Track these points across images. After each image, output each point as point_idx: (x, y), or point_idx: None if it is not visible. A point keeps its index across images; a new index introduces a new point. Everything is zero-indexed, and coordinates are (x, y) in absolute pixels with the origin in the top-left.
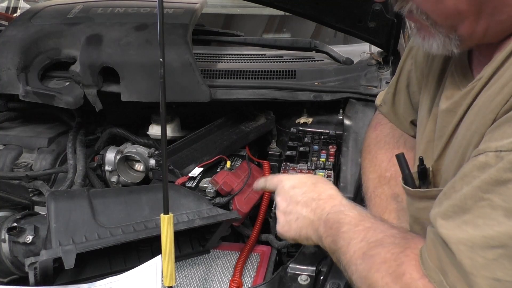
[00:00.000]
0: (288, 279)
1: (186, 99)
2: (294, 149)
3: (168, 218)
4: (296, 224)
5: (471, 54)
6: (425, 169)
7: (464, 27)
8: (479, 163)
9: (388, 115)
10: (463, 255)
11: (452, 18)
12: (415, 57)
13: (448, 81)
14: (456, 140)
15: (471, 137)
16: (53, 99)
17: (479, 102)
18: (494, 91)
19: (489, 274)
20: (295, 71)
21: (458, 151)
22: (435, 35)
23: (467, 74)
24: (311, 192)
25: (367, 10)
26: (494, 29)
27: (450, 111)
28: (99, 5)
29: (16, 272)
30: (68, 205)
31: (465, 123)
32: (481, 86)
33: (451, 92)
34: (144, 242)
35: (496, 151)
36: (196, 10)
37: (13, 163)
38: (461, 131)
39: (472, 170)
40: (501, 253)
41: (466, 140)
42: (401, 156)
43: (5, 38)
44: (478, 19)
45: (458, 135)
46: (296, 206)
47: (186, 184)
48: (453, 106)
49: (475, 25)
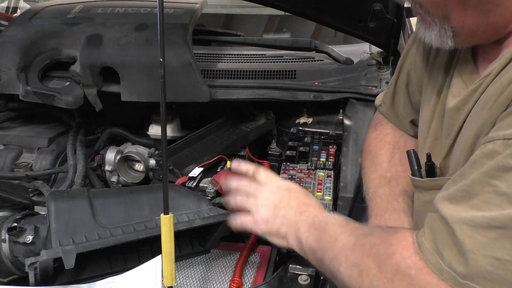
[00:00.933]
0: (288, 279)
1: (186, 99)
2: (294, 149)
3: (168, 218)
4: (280, 220)
5: (476, 53)
6: (433, 165)
7: (454, 18)
8: (487, 150)
9: (387, 114)
10: (465, 234)
11: (441, 7)
12: (414, 56)
13: (454, 80)
14: (463, 135)
15: (480, 128)
16: (53, 99)
17: (486, 95)
18: (502, 84)
19: (489, 253)
20: (295, 71)
21: (465, 144)
22: (433, 26)
23: (473, 72)
24: (304, 198)
25: (367, 10)
26: (489, 28)
27: (457, 109)
28: (99, 5)
29: (16, 272)
30: (68, 205)
31: (472, 117)
32: (489, 83)
33: (458, 90)
34: (144, 242)
35: (504, 139)
36: (196, 10)
37: (13, 163)
38: (468, 126)
39: (480, 157)
40: (502, 233)
41: (474, 132)
42: (411, 152)
43: (5, 38)
44: (464, 10)
45: (465, 130)
46: (287, 205)
47: (186, 184)
48: (461, 103)
49: (464, 17)
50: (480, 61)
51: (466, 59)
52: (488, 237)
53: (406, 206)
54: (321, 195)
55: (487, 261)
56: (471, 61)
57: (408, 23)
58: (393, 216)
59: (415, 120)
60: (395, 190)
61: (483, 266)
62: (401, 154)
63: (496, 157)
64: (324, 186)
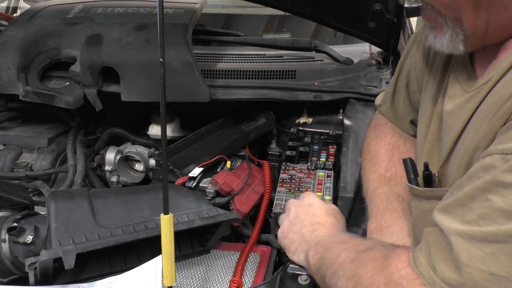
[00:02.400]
0: (288, 279)
1: (186, 99)
2: (294, 149)
3: (168, 218)
4: (293, 236)
5: (472, 53)
6: (431, 175)
7: (466, 20)
8: (485, 164)
9: (387, 114)
10: (461, 247)
11: (453, 8)
12: (414, 56)
13: (451, 80)
14: (462, 145)
15: (479, 141)
16: (53, 99)
17: (486, 106)
18: (503, 97)
19: (484, 267)
20: (295, 71)
21: (464, 155)
22: (445, 30)
23: (469, 73)
24: (320, 217)
25: (367, 10)
26: (495, 30)
27: (454, 113)
28: (99, 5)
29: (16, 272)
30: (68, 205)
31: (472, 127)
32: (488, 90)
33: (454, 92)
34: (144, 242)
35: (502, 153)
36: (196, 10)
37: (13, 163)
38: (467, 136)
39: (478, 170)
40: (499, 248)
41: (473, 144)
42: (408, 160)
43: (5, 38)
44: (477, 11)
45: (464, 140)
46: (301, 222)
47: (186, 184)
48: (458, 108)
49: (476, 18)
50: (477, 62)
51: (463, 60)
52: (485, 251)
53: (406, 206)
54: (321, 195)
55: (481, 275)
56: (468, 62)
57: (408, 23)
58: (393, 215)
59: (415, 120)
60: (395, 190)
61: (477, 280)
62: (401, 154)
63: (493, 171)
64: (324, 186)
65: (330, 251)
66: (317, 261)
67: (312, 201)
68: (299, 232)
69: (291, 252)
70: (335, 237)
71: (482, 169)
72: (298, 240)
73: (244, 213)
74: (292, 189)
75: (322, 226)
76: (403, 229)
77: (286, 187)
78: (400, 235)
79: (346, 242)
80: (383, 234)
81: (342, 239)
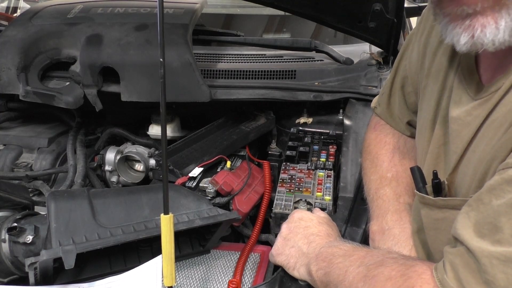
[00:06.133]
0: (288, 279)
1: (186, 99)
2: (294, 149)
3: (168, 218)
4: (289, 251)
5: (478, 59)
6: (440, 183)
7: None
8: (508, 176)
9: (383, 116)
10: (497, 269)
11: None
12: (409, 58)
13: (456, 84)
14: (473, 154)
15: (496, 151)
16: (53, 99)
17: (498, 115)
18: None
19: None
20: (295, 71)
21: (478, 166)
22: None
23: (475, 78)
24: (313, 228)
25: (367, 10)
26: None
27: (461, 120)
28: (99, 5)
29: (16, 272)
30: (68, 205)
31: (485, 137)
32: (499, 98)
33: (459, 97)
34: (144, 242)
35: None
36: (196, 10)
37: (13, 163)
38: (480, 145)
39: (500, 183)
40: None
41: (489, 154)
42: (415, 169)
43: (5, 38)
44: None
45: (477, 149)
46: (295, 236)
47: (186, 184)
48: (465, 115)
49: None
50: (483, 68)
51: (469, 64)
52: None
53: (407, 206)
54: (321, 195)
55: None
56: (474, 67)
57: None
58: (394, 217)
59: (412, 121)
60: (396, 191)
61: None
62: (401, 154)
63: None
64: (324, 186)
65: (335, 266)
66: (322, 276)
67: (301, 215)
68: (295, 246)
69: (290, 268)
70: (335, 248)
71: (505, 182)
72: (295, 254)
73: (244, 213)
74: (292, 189)
75: (317, 236)
76: (405, 230)
77: (286, 187)
78: (402, 237)
79: (350, 254)
80: (385, 236)
81: (344, 250)
